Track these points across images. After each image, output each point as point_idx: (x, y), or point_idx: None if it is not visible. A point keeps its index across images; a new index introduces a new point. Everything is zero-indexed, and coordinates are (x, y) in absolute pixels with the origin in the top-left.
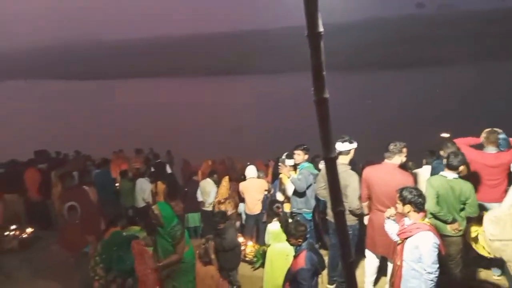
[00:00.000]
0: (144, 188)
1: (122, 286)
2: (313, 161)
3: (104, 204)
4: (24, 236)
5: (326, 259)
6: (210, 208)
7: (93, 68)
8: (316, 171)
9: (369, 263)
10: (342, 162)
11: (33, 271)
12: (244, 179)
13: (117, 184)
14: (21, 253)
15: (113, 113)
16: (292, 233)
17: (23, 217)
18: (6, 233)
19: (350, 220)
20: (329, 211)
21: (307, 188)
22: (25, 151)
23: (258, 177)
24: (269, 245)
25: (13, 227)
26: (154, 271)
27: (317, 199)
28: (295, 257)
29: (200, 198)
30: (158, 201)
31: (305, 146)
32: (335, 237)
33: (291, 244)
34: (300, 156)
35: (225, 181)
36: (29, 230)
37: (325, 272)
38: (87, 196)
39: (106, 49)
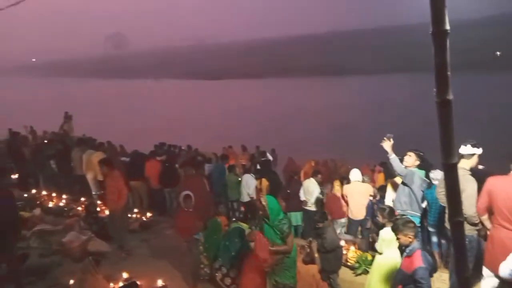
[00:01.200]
0: (249, 183)
1: (226, 275)
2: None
3: (215, 195)
4: (144, 219)
5: None
6: (312, 208)
7: (208, 68)
8: (426, 179)
9: (487, 283)
10: (462, 166)
11: (150, 251)
12: (348, 182)
13: None
14: (141, 234)
15: (223, 111)
16: (400, 229)
17: (145, 202)
18: (130, 215)
19: (467, 229)
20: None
21: (410, 188)
22: (146, 144)
23: (363, 181)
24: (381, 253)
25: (135, 210)
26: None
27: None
28: (408, 256)
29: (302, 197)
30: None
31: (419, 152)
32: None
33: (400, 243)
34: (411, 158)
35: (337, 184)
36: (148, 214)
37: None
38: (204, 186)
39: (223, 50)
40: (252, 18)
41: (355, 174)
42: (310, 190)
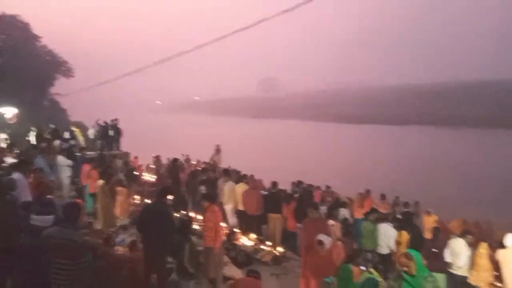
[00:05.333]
0: (389, 234)
1: None
2: None
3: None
4: (277, 253)
5: None
6: (457, 272)
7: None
8: None
9: None
10: None
11: (279, 286)
12: (502, 246)
13: None
14: (272, 268)
15: (366, 156)
16: None
17: (278, 237)
18: (264, 247)
19: None
20: None
21: None
22: (284, 181)
23: None
24: None
25: (269, 243)
26: None
27: None
28: None
29: (448, 259)
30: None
31: None
32: None
33: None
34: None
35: (483, 247)
36: (280, 249)
37: None
38: (328, 229)
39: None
40: (404, 63)
41: (511, 239)
42: (457, 251)
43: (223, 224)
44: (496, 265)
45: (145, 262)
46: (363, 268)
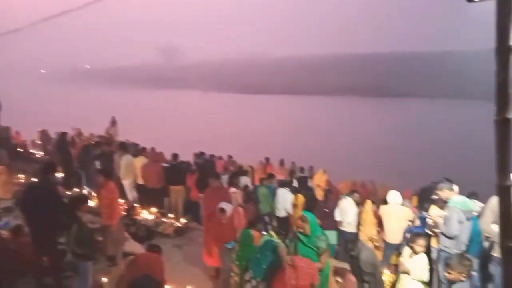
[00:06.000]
0: (285, 198)
1: (256, 287)
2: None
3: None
4: (179, 225)
5: None
6: (346, 228)
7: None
8: (471, 208)
9: None
10: None
11: (182, 257)
12: (385, 203)
13: None
14: (174, 240)
15: (267, 125)
16: (452, 265)
17: (181, 208)
18: (165, 220)
19: None
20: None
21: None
22: (188, 153)
23: (403, 205)
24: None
25: (171, 215)
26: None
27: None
28: None
29: (338, 217)
30: (296, 212)
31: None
32: None
33: (450, 279)
34: (444, 192)
35: (368, 205)
36: (183, 220)
37: None
38: (229, 197)
39: (274, 65)
40: (307, 34)
41: (394, 196)
42: (346, 209)
43: (121, 200)
44: (380, 220)
45: (33, 245)
46: (264, 232)
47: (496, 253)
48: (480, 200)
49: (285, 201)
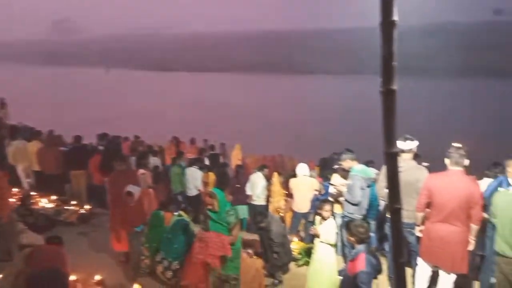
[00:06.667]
0: (196, 176)
1: (168, 268)
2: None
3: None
4: (83, 211)
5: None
6: (256, 202)
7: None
8: (370, 175)
9: (421, 272)
10: (407, 158)
11: (88, 244)
12: (294, 176)
13: None
14: (79, 227)
15: (175, 104)
16: (350, 229)
17: (84, 194)
18: (67, 207)
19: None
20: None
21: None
22: (91, 134)
23: (310, 176)
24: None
25: (73, 202)
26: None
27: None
28: (352, 260)
29: (249, 191)
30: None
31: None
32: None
33: (348, 241)
34: (347, 162)
35: (275, 177)
36: (87, 206)
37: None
38: (137, 179)
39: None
40: (206, 11)
41: (302, 168)
42: (255, 183)
43: (15, 189)
44: (288, 191)
45: None
46: (175, 213)
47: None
48: (376, 167)
49: (195, 179)
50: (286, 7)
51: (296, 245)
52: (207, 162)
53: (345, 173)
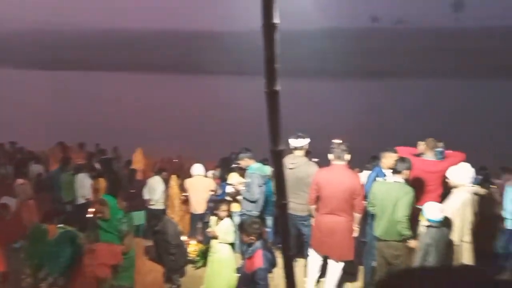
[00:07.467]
0: (84, 184)
1: (54, 284)
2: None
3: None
4: None
5: None
6: (156, 206)
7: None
8: (266, 172)
9: (313, 262)
10: (299, 155)
11: None
12: (191, 176)
13: None
14: None
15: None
16: (244, 229)
17: None
18: None
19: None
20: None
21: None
22: None
23: (213, 176)
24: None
25: None
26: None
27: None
28: (250, 257)
29: (147, 195)
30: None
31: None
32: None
33: (243, 242)
34: (244, 161)
35: (173, 180)
36: None
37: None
38: (13, 190)
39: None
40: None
41: (196, 169)
42: (154, 187)
43: None
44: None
45: None
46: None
47: None
48: (271, 165)
49: (83, 187)
50: (176, 7)
51: (194, 247)
52: (98, 167)
53: (242, 172)
